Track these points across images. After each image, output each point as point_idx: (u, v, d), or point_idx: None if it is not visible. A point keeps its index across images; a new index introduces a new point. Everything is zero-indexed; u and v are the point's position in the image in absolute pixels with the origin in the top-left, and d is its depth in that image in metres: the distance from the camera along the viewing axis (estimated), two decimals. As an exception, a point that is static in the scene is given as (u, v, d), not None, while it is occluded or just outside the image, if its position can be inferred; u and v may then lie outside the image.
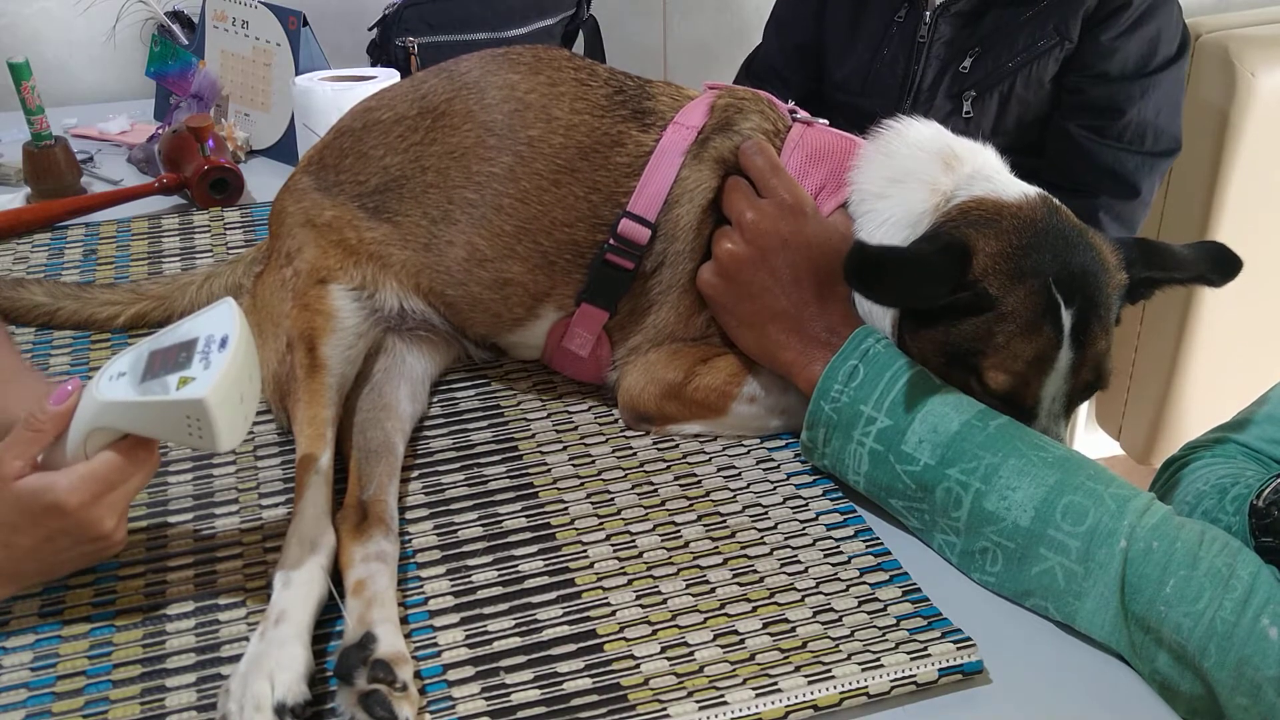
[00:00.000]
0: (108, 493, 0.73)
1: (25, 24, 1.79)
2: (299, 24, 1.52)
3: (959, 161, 0.93)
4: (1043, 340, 0.83)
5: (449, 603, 0.80)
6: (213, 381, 0.70)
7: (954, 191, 0.91)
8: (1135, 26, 1.39)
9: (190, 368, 0.71)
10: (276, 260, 1.00)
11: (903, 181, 0.93)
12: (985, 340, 0.84)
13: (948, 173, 0.92)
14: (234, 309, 0.75)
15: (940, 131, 0.97)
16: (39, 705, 0.71)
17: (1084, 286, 0.84)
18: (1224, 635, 0.71)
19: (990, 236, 0.85)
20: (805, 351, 0.90)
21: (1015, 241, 0.85)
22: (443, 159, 0.96)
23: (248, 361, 0.74)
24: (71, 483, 0.72)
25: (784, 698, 0.72)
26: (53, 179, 1.40)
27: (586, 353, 0.98)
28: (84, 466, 0.72)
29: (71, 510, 0.72)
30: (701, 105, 0.98)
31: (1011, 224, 0.86)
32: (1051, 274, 0.84)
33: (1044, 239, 0.85)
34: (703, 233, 0.95)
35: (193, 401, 0.69)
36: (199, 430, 0.71)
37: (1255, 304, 2.14)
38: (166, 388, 0.70)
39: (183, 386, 0.70)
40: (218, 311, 0.75)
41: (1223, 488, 0.92)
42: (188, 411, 0.70)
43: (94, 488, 0.72)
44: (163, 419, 0.71)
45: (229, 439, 0.71)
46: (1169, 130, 1.45)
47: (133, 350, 0.75)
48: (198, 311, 0.76)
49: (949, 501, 0.82)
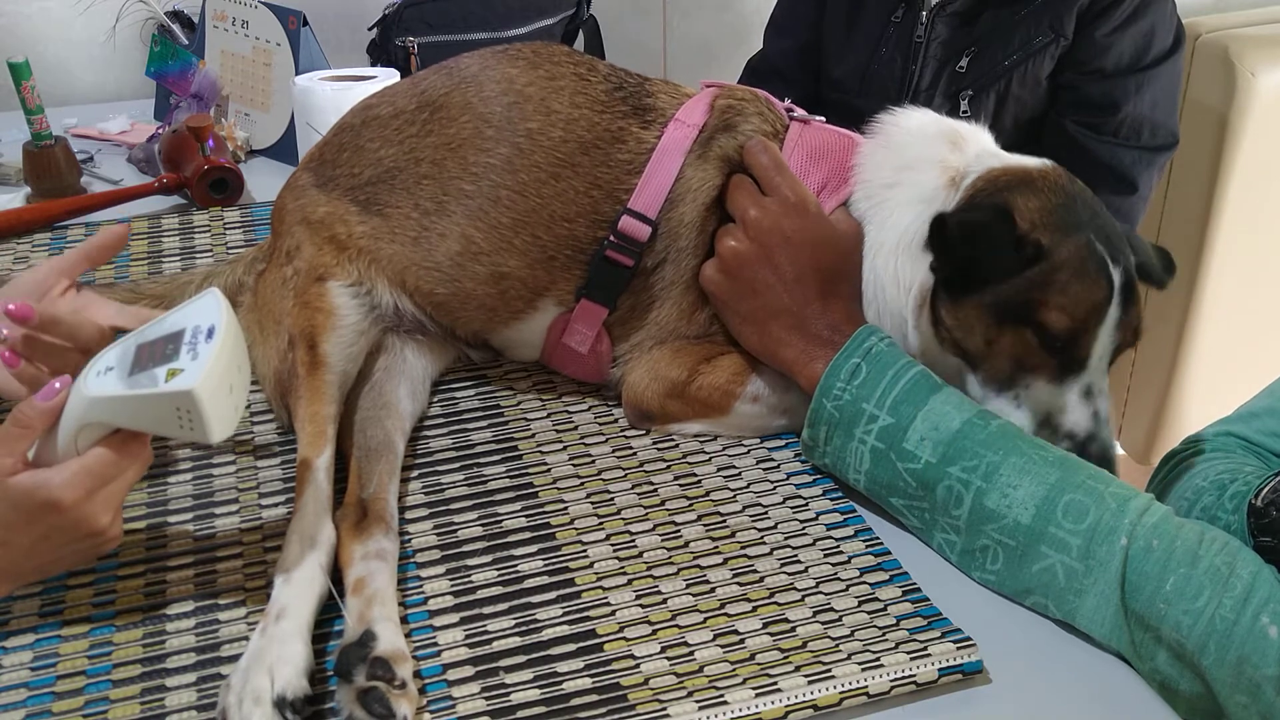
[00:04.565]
0: (102, 488, 0.73)
1: (25, 24, 1.79)
2: (299, 24, 1.52)
3: (964, 141, 0.96)
4: (1100, 290, 0.86)
5: (449, 602, 0.80)
6: (202, 372, 0.69)
7: (966, 169, 0.94)
8: (1129, 22, 1.39)
9: (178, 359, 0.70)
10: (277, 259, 1.00)
11: (912, 167, 0.95)
12: (1043, 288, 0.86)
13: (955, 152, 0.95)
14: (219, 299, 0.75)
15: (937, 116, 1.00)
16: (39, 705, 0.71)
17: (1121, 247, 0.89)
18: (1223, 633, 0.71)
19: (1028, 195, 0.89)
20: (807, 350, 0.91)
21: (1054, 199, 0.89)
22: (438, 150, 0.96)
23: (236, 351, 0.73)
24: (65, 479, 0.71)
25: (784, 697, 0.72)
26: (53, 179, 1.40)
27: (586, 349, 0.98)
28: (77, 462, 0.72)
29: (67, 507, 0.72)
30: (702, 103, 0.98)
31: (1044, 184, 0.90)
32: (1092, 231, 0.87)
33: (1077, 200, 0.90)
34: (705, 230, 0.95)
35: (182, 393, 0.69)
36: (190, 422, 0.70)
37: (1255, 303, 2.14)
38: (155, 380, 0.70)
39: (171, 378, 0.69)
40: (203, 302, 0.75)
41: (1221, 484, 0.92)
42: (177, 403, 0.69)
43: (88, 483, 0.72)
44: (152, 412, 0.71)
45: (220, 430, 0.71)
46: (1165, 125, 1.45)
47: (119, 344, 0.74)
48: (183, 303, 0.76)
49: (950, 499, 0.82)
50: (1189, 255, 2.08)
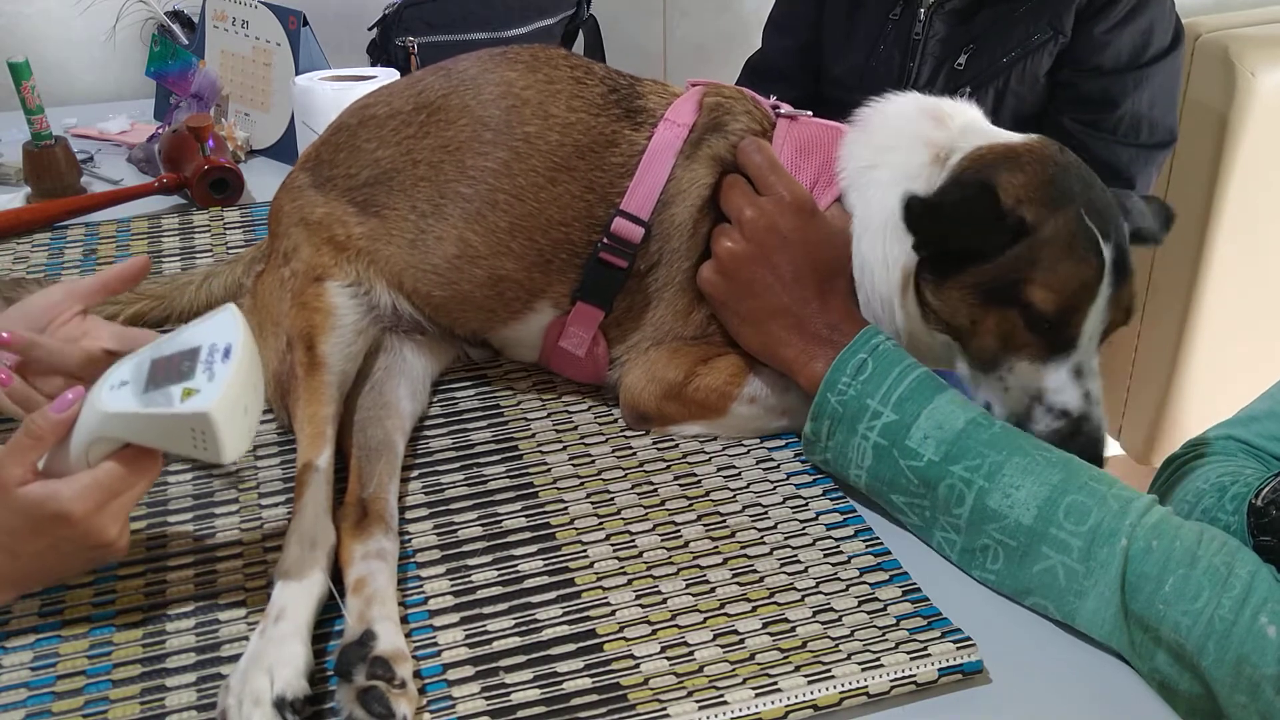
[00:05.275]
0: (111, 501, 0.73)
1: (25, 24, 1.79)
2: (299, 24, 1.52)
3: (948, 117, 0.96)
4: (1089, 268, 0.85)
5: (449, 602, 0.80)
6: (218, 394, 0.69)
7: (951, 146, 0.93)
8: (1128, 19, 1.40)
9: (194, 378, 0.70)
10: (275, 260, 1.00)
11: (894, 147, 0.95)
12: (1029, 266, 0.85)
13: (940, 128, 0.94)
14: (237, 316, 0.75)
15: (920, 96, 0.99)
16: (39, 705, 0.71)
17: (1114, 221, 0.87)
18: (1222, 633, 0.71)
19: (1013, 171, 0.88)
20: (806, 349, 0.91)
21: (1040, 172, 0.88)
22: (436, 152, 0.96)
23: (252, 372, 0.73)
24: (76, 491, 0.71)
25: (784, 697, 0.72)
26: (53, 179, 1.40)
27: (583, 352, 0.98)
28: (88, 475, 0.72)
29: (77, 519, 0.72)
30: (690, 102, 0.98)
31: (1029, 159, 0.89)
32: (1082, 205, 0.86)
33: (1066, 172, 0.88)
34: (699, 230, 0.95)
35: (197, 415, 0.69)
36: (203, 443, 0.70)
37: (1255, 303, 2.14)
38: (170, 399, 0.70)
39: (187, 398, 0.69)
40: (220, 319, 0.75)
41: (1222, 486, 0.92)
42: (192, 424, 0.69)
43: (98, 496, 0.72)
44: (166, 431, 0.71)
45: (233, 451, 0.71)
46: (1164, 122, 1.45)
47: (134, 358, 0.74)
48: (200, 318, 0.75)
49: (951, 498, 0.82)
50: (1189, 255, 2.08)
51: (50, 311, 0.88)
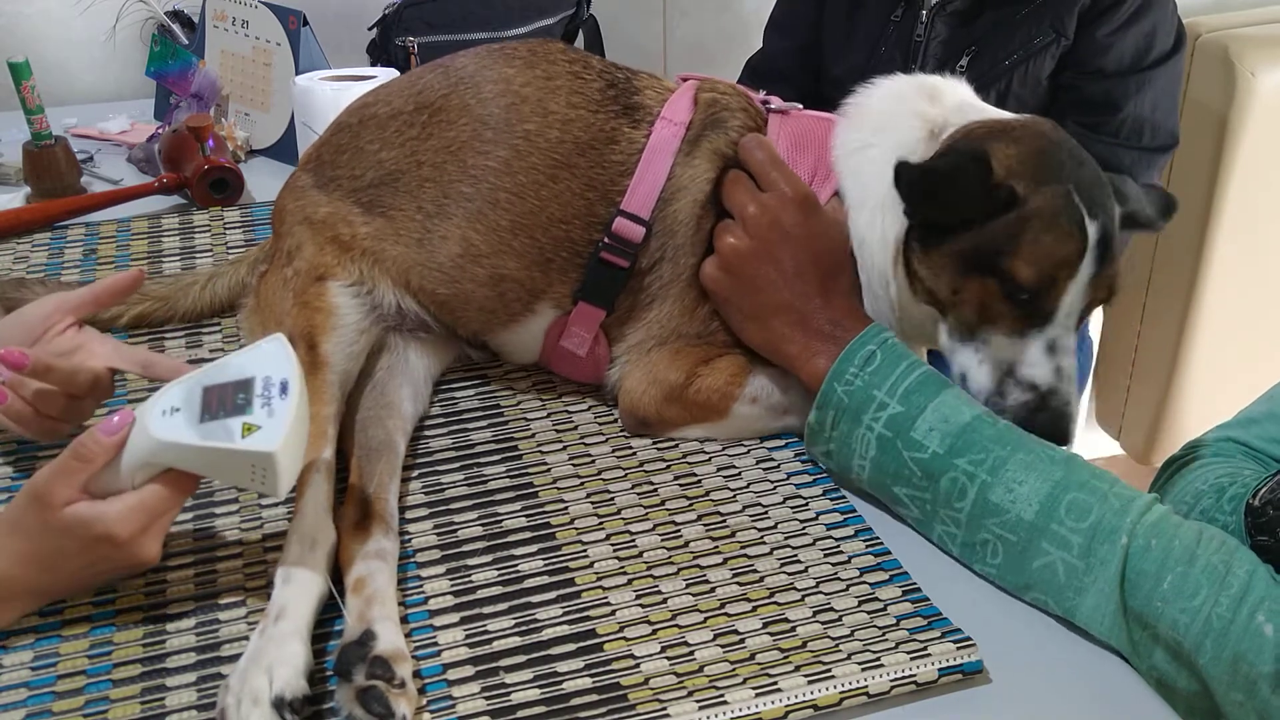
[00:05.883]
0: (154, 522, 0.74)
1: (25, 24, 1.79)
2: (299, 24, 1.52)
3: (941, 94, 0.96)
4: (1072, 244, 0.85)
5: (449, 602, 0.80)
6: (282, 434, 0.70)
7: (945, 121, 0.94)
8: (1130, 22, 1.39)
9: (252, 412, 0.71)
10: (278, 259, 1.00)
11: (886, 127, 0.95)
12: (1014, 238, 0.85)
13: (934, 104, 0.95)
14: (288, 348, 0.75)
15: (910, 76, 1.00)
16: (39, 705, 0.71)
17: (1102, 200, 0.87)
18: (1220, 631, 0.71)
19: (1006, 143, 0.88)
20: (809, 345, 0.91)
21: (1032, 146, 0.88)
22: (438, 153, 0.96)
23: (304, 406, 0.74)
24: (121, 513, 0.72)
25: (784, 697, 0.72)
26: (53, 179, 1.40)
27: (584, 352, 0.98)
28: (134, 497, 0.73)
29: (123, 541, 0.72)
30: (685, 99, 0.98)
31: (1022, 133, 0.90)
32: (1072, 183, 0.86)
33: (1058, 149, 0.89)
34: (702, 227, 0.95)
35: (262, 454, 0.70)
36: (261, 477, 0.71)
37: (1255, 303, 2.14)
38: (230, 433, 0.70)
39: (248, 434, 0.70)
40: (269, 349, 0.75)
41: (1220, 487, 0.92)
42: (254, 461, 0.70)
43: (142, 519, 0.73)
44: (225, 464, 0.72)
45: (288, 486, 0.73)
46: (1165, 125, 1.45)
47: (183, 384, 0.74)
48: (247, 346, 0.76)
49: (954, 491, 0.82)
50: (1189, 255, 2.09)
51: (45, 322, 0.89)
